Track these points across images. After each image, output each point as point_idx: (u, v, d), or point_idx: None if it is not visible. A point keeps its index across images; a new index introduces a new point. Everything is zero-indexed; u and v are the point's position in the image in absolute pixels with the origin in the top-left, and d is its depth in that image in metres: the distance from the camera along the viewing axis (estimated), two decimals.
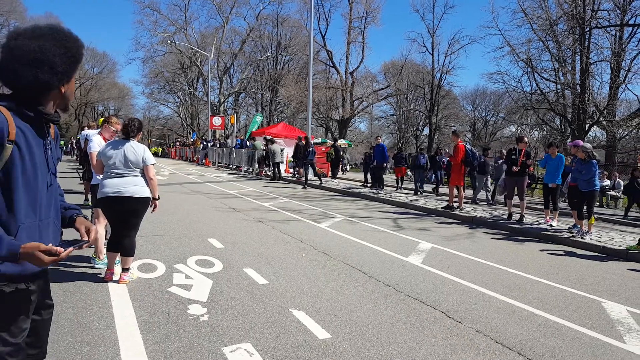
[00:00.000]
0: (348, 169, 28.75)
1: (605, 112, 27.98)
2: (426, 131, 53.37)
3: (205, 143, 32.26)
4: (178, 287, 4.38)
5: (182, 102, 60.20)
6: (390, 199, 12.93)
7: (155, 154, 43.80)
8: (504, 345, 3.37)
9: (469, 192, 17.03)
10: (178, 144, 45.46)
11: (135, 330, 3.36)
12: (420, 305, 4.17)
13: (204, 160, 30.25)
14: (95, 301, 3.91)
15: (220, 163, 27.92)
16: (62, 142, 40.94)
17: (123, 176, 4.35)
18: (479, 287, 4.84)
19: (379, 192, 14.55)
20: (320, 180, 16.87)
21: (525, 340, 3.50)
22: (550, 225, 8.95)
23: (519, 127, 42.02)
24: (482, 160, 13.82)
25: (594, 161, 7.84)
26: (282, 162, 19.71)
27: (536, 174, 18.61)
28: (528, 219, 9.76)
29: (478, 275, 5.33)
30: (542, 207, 10.16)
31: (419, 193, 16.33)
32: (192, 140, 41.92)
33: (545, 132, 41.07)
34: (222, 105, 48.38)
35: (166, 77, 54.17)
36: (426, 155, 19.21)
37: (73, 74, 1.56)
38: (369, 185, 17.37)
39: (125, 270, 4.47)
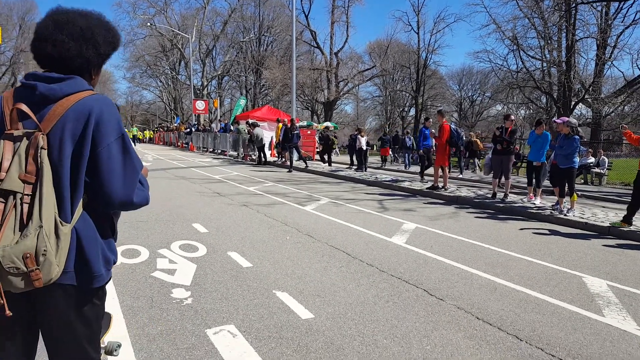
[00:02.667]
0: (338, 153, 28.69)
1: (590, 89, 28.26)
2: (413, 112, 53.44)
3: (190, 128, 31.87)
4: (162, 271, 4.34)
5: (164, 86, 59.21)
6: (376, 180, 12.97)
7: (140, 140, 43.07)
8: (484, 321, 3.42)
9: (454, 173, 17.20)
10: (162, 129, 44.75)
11: (119, 315, 3.34)
12: (403, 284, 4.20)
13: (188, 145, 29.94)
14: None
15: (205, 148, 27.63)
16: None
17: None
18: (462, 265, 4.89)
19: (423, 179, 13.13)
20: (306, 163, 16.81)
21: (506, 315, 3.55)
22: (534, 203, 9.07)
23: (505, 106, 42.37)
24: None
25: (577, 137, 7.91)
26: (266, 145, 19.59)
27: (521, 153, 18.84)
28: (512, 197, 9.88)
29: (461, 254, 5.38)
30: (526, 185, 10.26)
31: (406, 168, 19.32)
32: (175, 125, 41.32)
33: (531, 111, 41.49)
34: (206, 89, 47.73)
35: (147, 61, 53.10)
36: (412, 137, 21.83)
37: (106, 60, 1.60)
38: (354, 167, 17.38)
39: None
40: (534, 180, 9.41)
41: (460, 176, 17.10)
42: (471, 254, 5.42)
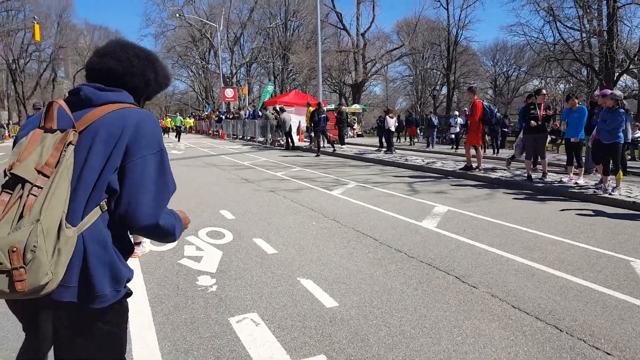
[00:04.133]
0: (349, 134, 28.40)
1: (636, 58, 26.51)
2: (444, 90, 51.88)
3: (220, 116, 32.22)
4: (188, 258, 4.34)
5: (195, 76, 59.97)
6: (406, 162, 12.66)
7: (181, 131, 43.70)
8: (521, 310, 3.20)
9: (489, 152, 16.62)
10: (194, 118, 45.46)
11: (145, 302, 3.34)
12: (433, 271, 4.02)
13: (219, 133, 30.30)
14: None
15: (235, 135, 27.87)
16: None
17: None
18: (496, 250, 4.64)
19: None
20: (334, 147, 16.62)
21: (544, 304, 3.32)
22: (576, 182, 8.57)
23: (543, 81, 40.54)
24: None
25: (622, 110, 7.36)
26: (294, 130, 19.48)
27: (562, 129, 18.06)
28: (552, 176, 9.39)
29: (495, 238, 5.12)
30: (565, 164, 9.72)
31: (430, 147, 20.27)
32: (206, 113, 41.85)
33: (571, 85, 39.47)
34: (235, 77, 47.98)
35: (178, 52, 53.88)
36: (436, 117, 23.53)
37: (155, 94, 1.64)
38: (383, 150, 17.05)
39: (137, 244, 4.44)
40: (574, 159, 8.91)
41: (496, 155, 16.52)
42: (507, 237, 5.15)
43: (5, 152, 17.92)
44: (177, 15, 45.35)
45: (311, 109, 18.84)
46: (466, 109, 11.35)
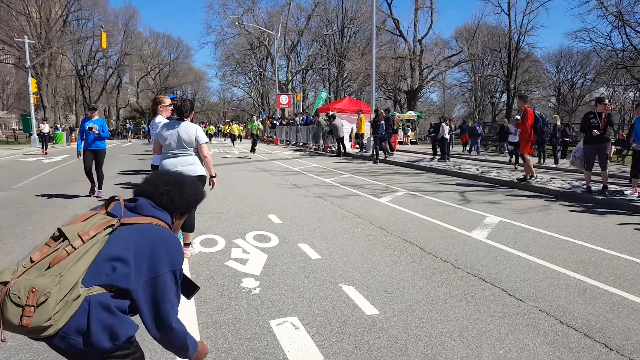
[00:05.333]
0: (402, 141, 28.12)
1: None
2: (504, 98, 49.87)
3: (273, 122, 32.97)
4: (235, 261, 4.50)
5: (252, 83, 61.76)
6: (459, 171, 12.33)
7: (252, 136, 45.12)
8: (569, 326, 3.06)
9: (549, 162, 15.80)
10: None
11: (191, 302, 3.47)
12: (479, 282, 3.92)
13: (272, 139, 31.02)
14: None
15: (288, 141, 28.40)
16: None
17: (178, 156, 4.52)
18: (548, 263, 4.44)
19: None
20: (385, 154, 16.48)
21: (595, 320, 3.15)
22: None
23: (611, 89, 38.00)
24: None
25: None
26: (346, 137, 19.49)
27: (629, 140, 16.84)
28: (614, 189, 8.79)
29: (548, 251, 4.90)
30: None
31: (477, 153, 20.84)
32: (261, 119, 42.96)
33: None
34: (290, 83, 48.87)
35: (237, 59, 55.72)
36: (480, 125, 24.21)
37: (188, 210, 1.94)
38: (437, 157, 16.70)
39: (187, 245, 4.68)
40: None
41: (557, 166, 15.69)
42: (560, 250, 4.91)
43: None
44: (237, 23, 46.96)
45: (362, 116, 18.87)
46: (518, 116, 10.93)
